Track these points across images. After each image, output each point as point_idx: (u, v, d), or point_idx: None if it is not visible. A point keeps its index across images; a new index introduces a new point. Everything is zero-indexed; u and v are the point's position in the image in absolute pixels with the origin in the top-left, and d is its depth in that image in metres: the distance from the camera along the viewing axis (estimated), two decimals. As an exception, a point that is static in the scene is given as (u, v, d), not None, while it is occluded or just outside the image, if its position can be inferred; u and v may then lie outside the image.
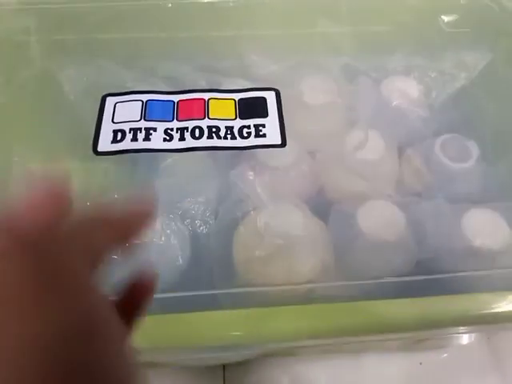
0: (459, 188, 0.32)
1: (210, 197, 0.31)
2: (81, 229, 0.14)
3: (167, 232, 0.30)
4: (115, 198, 0.29)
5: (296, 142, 0.33)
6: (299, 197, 0.32)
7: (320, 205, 0.32)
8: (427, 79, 0.35)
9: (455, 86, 0.35)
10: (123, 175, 0.32)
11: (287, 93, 0.35)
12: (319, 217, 0.31)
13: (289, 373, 0.37)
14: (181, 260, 0.30)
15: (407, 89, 0.35)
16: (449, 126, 0.34)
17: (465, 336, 0.38)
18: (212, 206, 0.31)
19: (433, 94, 0.35)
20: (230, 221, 0.30)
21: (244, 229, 0.30)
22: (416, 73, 0.36)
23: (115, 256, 0.15)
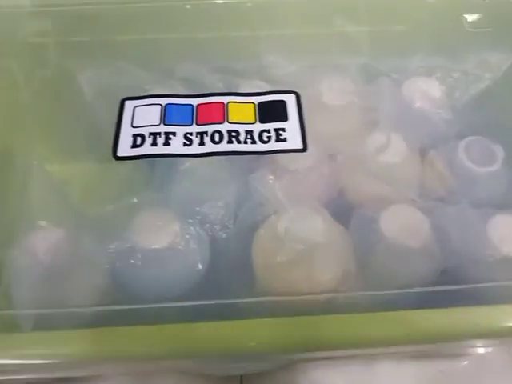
0: (483, 192, 0.31)
1: (229, 201, 0.30)
2: None
3: (186, 237, 0.29)
4: (134, 203, 0.29)
5: (315, 144, 0.32)
6: (319, 200, 0.32)
7: (340, 208, 0.32)
8: (450, 80, 0.35)
9: (479, 87, 0.34)
10: (141, 179, 0.32)
11: (305, 94, 0.34)
12: (339, 221, 0.31)
13: (305, 378, 0.37)
14: (200, 265, 0.30)
15: (429, 90, 0.35)
16: (472, 128, 0.33)
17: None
18: (231, 210, 0.30)
19: (456, 95, 0.34)
20: (250, 225, 0.30)
21: (263, 233, 0.30)
22: (438, 73, 0.35)
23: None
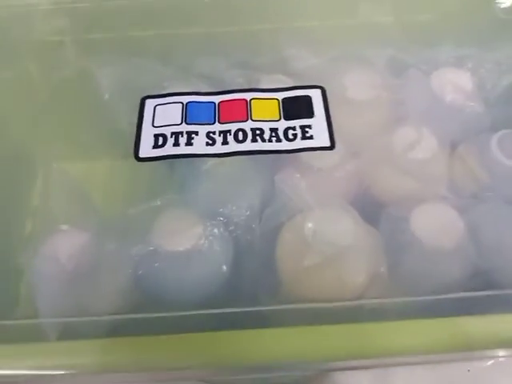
0: (519, 189, 0.30)
1: (254, 201, 0.30)
2: None
3: (210, 239, 0.29)
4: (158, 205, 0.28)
5: (340, 141, 0.31)
6: (346, 199, 0.31)
7: (367, 207, 0.30)
8: (482, 71, 0.33)
9: (512, 78, 0.33)
10: (162, 180, 0.31)
11: (329, 88, 0.33)
12: (367, 221, 0.30)
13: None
14: (224, 268, 0.29)
15: (460, 81, 0.33)
16: (506, 121, 0.32)
17: None
18: (256, 212, 0.30)
19: (488, 87, 0.33)
20: (275, 227, 0.29)
21: (289, 236, 0.29)
22: (469, 64, 0.34)
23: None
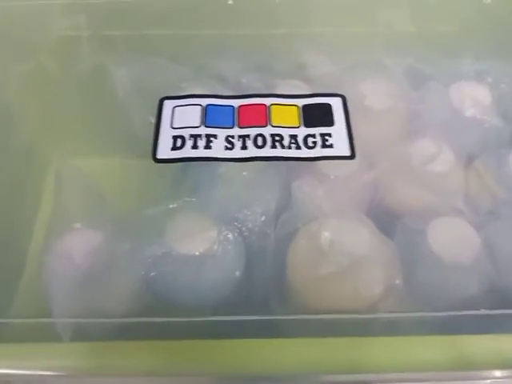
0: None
1: (269, 208, 0.29)
2: None
3: (224, 243, 0.28)
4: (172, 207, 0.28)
5: (357, 150, 0.31)
6: (361, 208, 0.30)
7: (382, 218, 0.30)
8: (502, 85, 0.33)
9: (533, 94, 0.33)
10: (176, 182, 0.31)
11: (347, 96, 0.33)
12: (381, 231, 0.30)
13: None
14: (237, 273, 0.29)
15: (479, 95, 0.33)
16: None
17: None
18: (271, 217, 0.29)
19: (507, 101, 0.33)
20: (290, 233, 0.29)
21: (303, 243, 0.29)
22: (489, 78, 0.33)
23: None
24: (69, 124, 0.36)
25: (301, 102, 0.30)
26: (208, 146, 0.27)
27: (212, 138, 0.28)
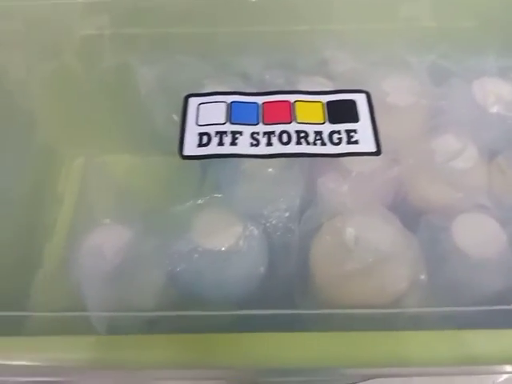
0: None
1: (293, 204, 0.30)
2: None
3: (249, 239, 0.29)
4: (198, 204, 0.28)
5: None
6: (384, 204, 0.31)
7: (406, 214, 0.30)
8: (525, 81, 0.33)
9: (557, 89, 0.32)
10: (201, 178, 0.31)
11: (370, 92, 0.33)
12: (405, 227, 0.30)
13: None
14: (262, 268, 0.29)
15: (501, 91, 0.33)
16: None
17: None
18: (295, 213, 0.30)
19: (530, 98, 0.33)
20: (314, 229, 0.29)
21: (327, 239, 0.29)
22: (511, 74, 0.33)
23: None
24: (93, 123, 0.36)
25: (325, 99, 0.30)
26: (234, 143, 0.28)
27: (237, 135, 0.28)
